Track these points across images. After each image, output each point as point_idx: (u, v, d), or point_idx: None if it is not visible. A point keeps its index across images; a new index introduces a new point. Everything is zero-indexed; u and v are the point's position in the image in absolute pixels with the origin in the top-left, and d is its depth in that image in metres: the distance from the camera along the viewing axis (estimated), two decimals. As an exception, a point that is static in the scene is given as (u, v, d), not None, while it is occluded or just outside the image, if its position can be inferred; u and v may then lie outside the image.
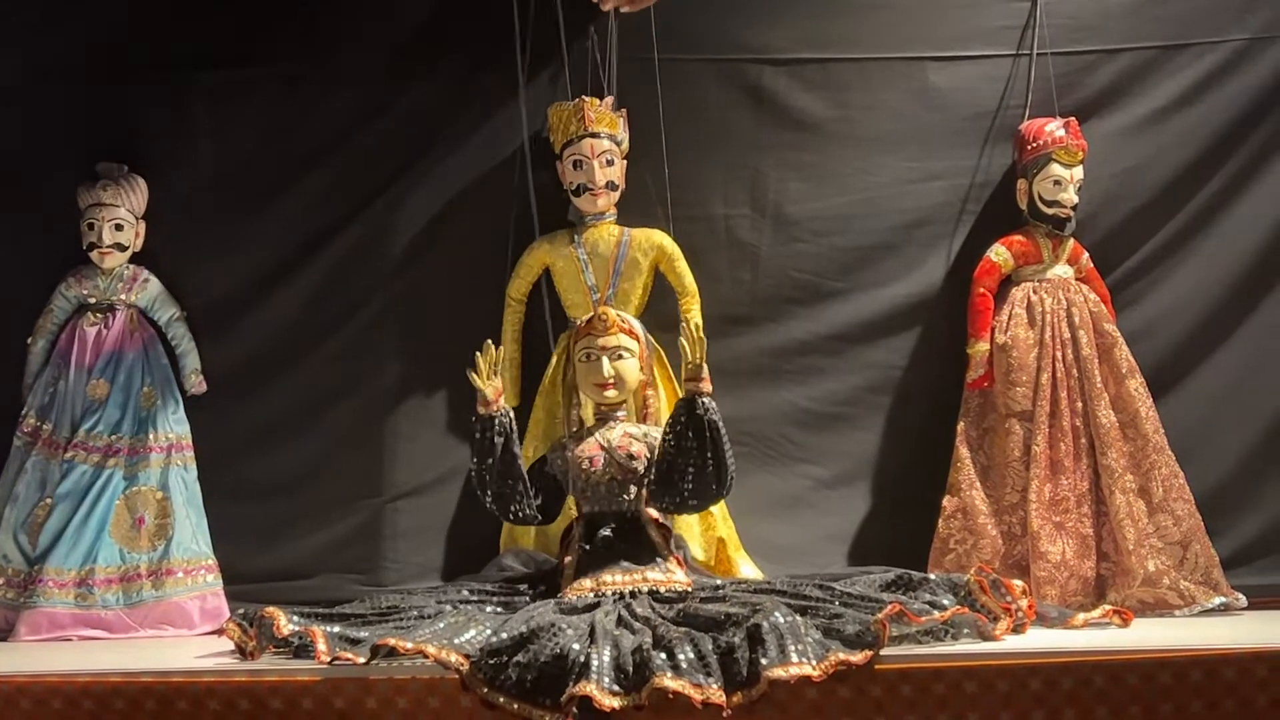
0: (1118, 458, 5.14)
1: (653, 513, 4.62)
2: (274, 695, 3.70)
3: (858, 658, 3.65)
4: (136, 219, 5.51)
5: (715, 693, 3.57)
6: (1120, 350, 5.26)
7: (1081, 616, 4.46)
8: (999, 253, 5.35)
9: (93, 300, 5.49)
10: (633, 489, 4.59)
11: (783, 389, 5.49)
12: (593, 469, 4.57)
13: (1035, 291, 5.34)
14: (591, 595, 4.33)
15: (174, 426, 5.45)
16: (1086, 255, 5.42)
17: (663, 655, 3.66)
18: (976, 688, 3.62)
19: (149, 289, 5.53)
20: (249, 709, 3.69)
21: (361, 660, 3.84)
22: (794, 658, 3.61)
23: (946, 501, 5.24)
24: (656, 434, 4.60)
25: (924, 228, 5.54)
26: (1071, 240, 5.39)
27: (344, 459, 5.50)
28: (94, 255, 5.46)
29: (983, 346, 5.30)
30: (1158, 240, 5.49)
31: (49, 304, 5.50)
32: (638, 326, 4.78)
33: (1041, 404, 5.20)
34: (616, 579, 4.41)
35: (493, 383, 4.51)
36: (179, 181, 5.59)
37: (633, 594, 4.32)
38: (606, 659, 3.65)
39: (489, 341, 4.59)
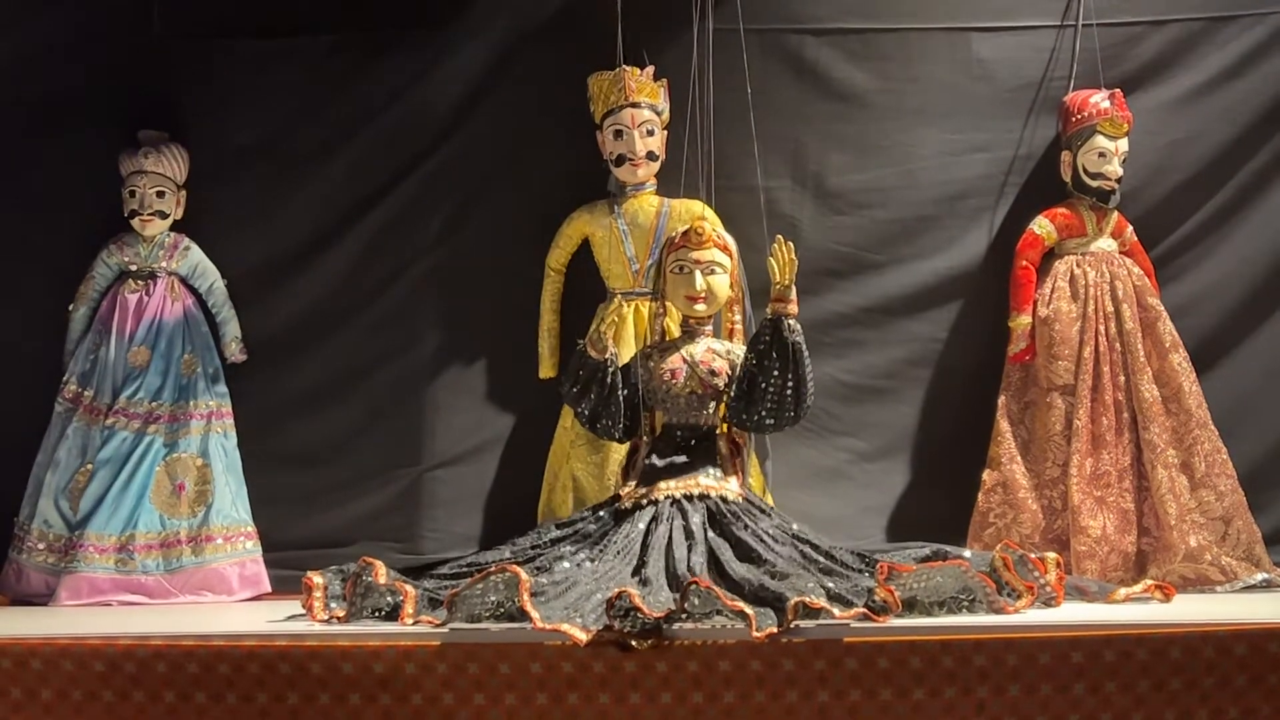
0: (1160, 432, 5.10)
1: (736, 437, 4.67)
2: (314, 660, 3.71)
3: (878, 618, 3.77)
4: (178, 187, 5.52)
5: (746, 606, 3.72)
6: (1164, 324, 5.22)
7: (1123, 591, 4.43)
8: (1042, 225, 5.31)
9: (134, 267, 5.52)
10: (712, 404, 4.67)
11: (822, 362, 5.44)
12: (674, 381, 4.65)
13: (1078, 265, 5.30)
14: (645, 502, 4.43)
15: (214, 394, 5.47)
16: (1130, 228, 5.37)
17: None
18: (1018, 660, 3.60)
19: (190, 256, 5.55)
20: (289, 673, 3.70)
21: (438, 622, 3.92)
22: (820, 599, 3.76)
23: (986, 475, 5.22)
24: (739, 351, 4.66)
25: (966, 200, 5.50)
26: (1116, 213, 5.34)
27: (383, 428, 5.53)
28: (135, 222, 5.49)
29: (1025, 320, 5.27)
30: (1203, 214, 5.44)
31: (90, 271, 5.53)
32: (732, 243, 4.80)
33: (1084, 378, 5.17)
34: (670, 485, 4.48)
35: (605, 343, 4.61)
36: (221, 150, 5.60)
37: (686, 498, 4.41)
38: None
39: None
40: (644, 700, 3.65)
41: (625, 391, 4.64)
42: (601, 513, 4.56)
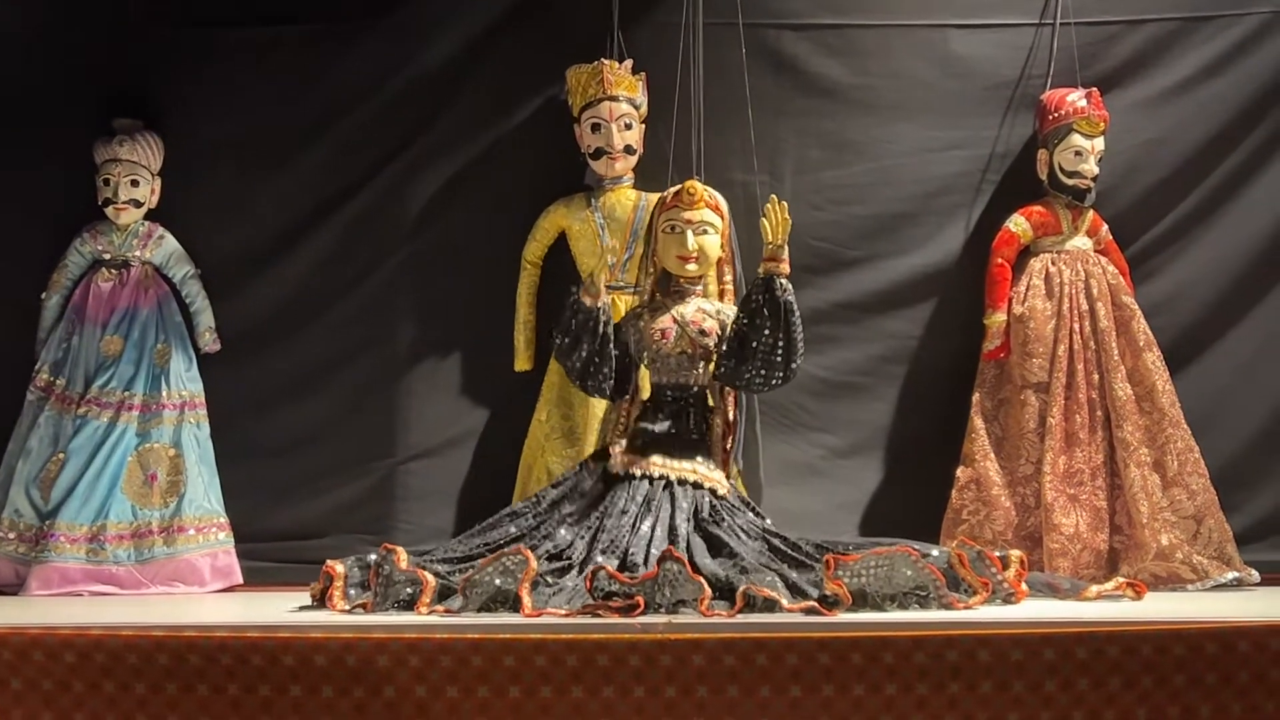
0: (1133, 431, 5.12)
1: (728, 409, 4.70)
2: (286, 651, 3.69)
3: (828, 612, 3.93)
4: (152, 175, 5.50)
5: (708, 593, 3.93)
6: (1138, 323, 5.24)
7: (1095, 589, 4.45)
8: (1018, 223, 5.32)
9: (108, 256, 5.49)
10: (701, 364, 4.70)
11: (797, 357, 5.47)
12: (664, 341, 4.68)
13: (1054, 263, 5.32)
14: (637, 472, 4.51)
15: (187, 384, 5.45)
16: (1106, 227, 5.39)
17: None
18: (990, 656, 3.60)
19: (164, 246, 5.53)
20: (261, 665, 3.68)
21: (454, 610, 4.04)
22: (770, 589, 3.95)
23: (960, 472, 5.23)
24: (730, 311, 4.68)
25: (943, 197, 5.51)
26: (1091, 212, 5.36)
27: (357, 420, 5.52)
28: (109, 211, 5.46)
29: (1000, 317, 5.28)
30: (1178, 213, 5.46)
31: (64, 259, 5.50)
32: (723, 203, 4.81)
33: (1058, 376, 5.19)
34: (664, 462, 4.54)
35: (599, 288, 4.63)
36: (195, 139, 5.58)
37: (680, 482, 4.48)
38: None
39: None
40: (617, 694, 3.64)
41: (616, 351, 4.66)
42: (594, 466, 4.64)
